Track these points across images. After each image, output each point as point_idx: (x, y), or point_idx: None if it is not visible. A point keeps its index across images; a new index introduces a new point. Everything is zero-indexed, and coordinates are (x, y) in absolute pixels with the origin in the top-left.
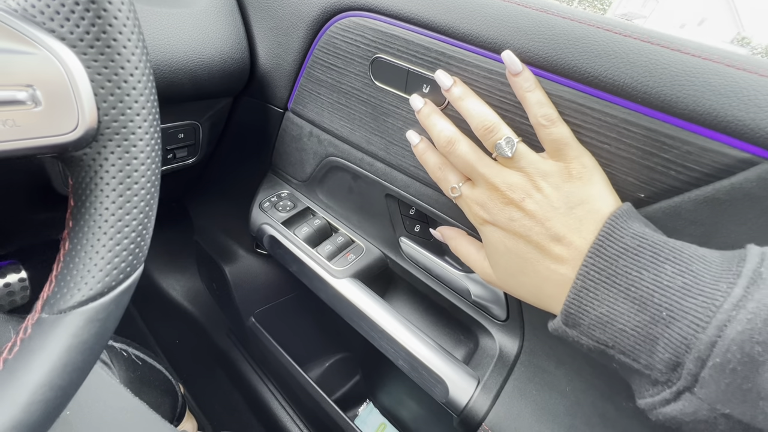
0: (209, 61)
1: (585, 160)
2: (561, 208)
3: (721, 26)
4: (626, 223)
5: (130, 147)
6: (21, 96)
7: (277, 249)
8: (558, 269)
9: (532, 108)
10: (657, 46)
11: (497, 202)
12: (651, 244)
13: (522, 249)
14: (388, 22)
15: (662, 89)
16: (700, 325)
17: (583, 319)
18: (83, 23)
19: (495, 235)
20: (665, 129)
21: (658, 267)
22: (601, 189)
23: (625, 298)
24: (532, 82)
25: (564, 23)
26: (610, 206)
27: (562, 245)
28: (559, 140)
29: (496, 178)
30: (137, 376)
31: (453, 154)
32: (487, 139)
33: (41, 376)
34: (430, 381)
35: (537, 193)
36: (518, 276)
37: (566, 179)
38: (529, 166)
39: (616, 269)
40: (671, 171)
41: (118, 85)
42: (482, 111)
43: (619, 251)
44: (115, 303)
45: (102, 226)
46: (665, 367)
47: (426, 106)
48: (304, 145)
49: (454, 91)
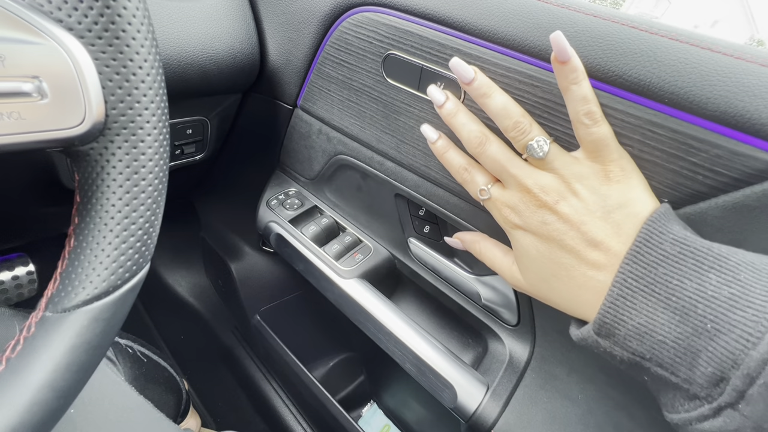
0: (219, 57)
1: (624, 163)
2: (598, 211)
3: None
4: (665, 227)
5: (137, 142)
6: (27, 87)
7: (284, 247)
8: (595, 276)
9: (575, 103)
10: (686, 44)
11: (530, 205)
12: (693, 250)
13: (556, 254)
14: (402, 18)
15: (691, 89)
16: (750, 341)
17: (618, 330)
18: (92, 13)
19: (526, 240)
20: (693, 131)
21: (702, 275)
22: (641, 192)
23: (665, 307)
24: (579, 73)
25: (586, 19)
26: (649, 209)
27: (599, 251)
28: (600, 141)
29: (528, 180)
30: (142, 373)
31: (484, 155)
32: (518, 139)
33: (44, 376)
34: (438, 385)
35: (572, 196)
36: (551, 281)
37: (603, 182)
38: (564, 168)
39: (656, 277)
40: (698, 175)
41: (127, 78)
42: (512, 110)
43: (658, 258)
44: (120, 302)
45: (108, 223)
46: (707, 381)
47: (450, 102)
48: (312, 142)
49: (477, 86)
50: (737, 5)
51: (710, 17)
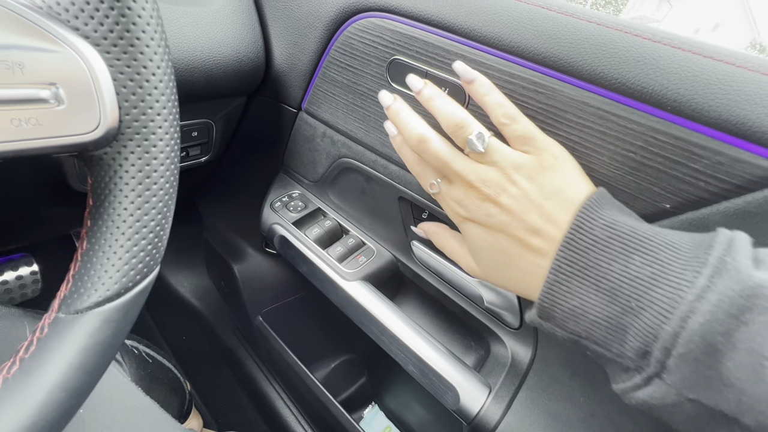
0: (225, 60)
1: (554, 150)
2: (537, 199)
3: (736, 32)
4: (597, 212)
5: (150, 147)
6: (44, 94)
7: (287, 249)
8: (538, 261)
9: (492, 110)
10: (689, 53)
11: (474, 199)
12: (620, 234)
13: (503, 243)
14: (408, 24)
15: (693, 97)
16: (666, 316)
17: (556, 312)
18: (107, 21)
19: (475, 232)
20: (695, 138)
21: (628, 258)
22: (574, 177)
23: (596, 290)
24: (487, 86)
25: (590, 27)
26: (584, 194)
27: (540, 238)
28: (524, 135)
29: (470, 175)
30: (147, 374)
31: (426, 153)
32: (458, 135)
33: (57, 376)
34: (441, 388)
35: (512, 186)
36: (502, 269)
37: (539, 170)
38: (503, 159)
39: (588, 261)
40: (700, 182)
41: (140, 84)
42: (451, 109)
43: (589, 243)
44: (131, 304)
45: (120, 226)
46: (635, 355)
47: (396, 102)
48: (317, 145)
49: (425, 93)
50: (739, 9)
51: (712, 21)
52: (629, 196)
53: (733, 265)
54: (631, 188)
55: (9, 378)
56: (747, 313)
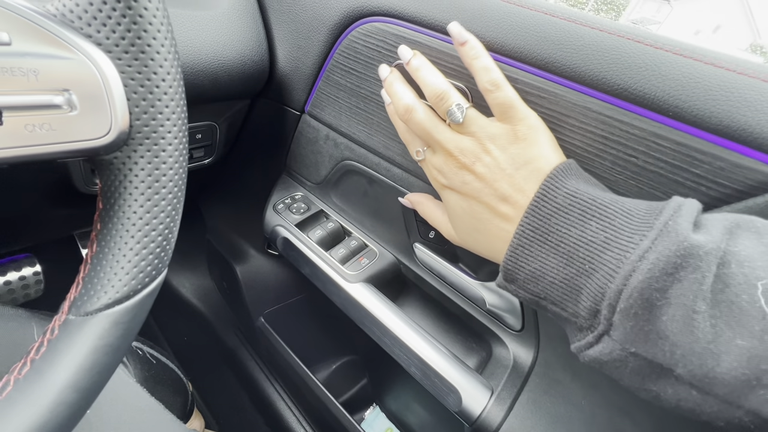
0: (230, 64)
1: (531, 121)
2: (508, 169)
3: (736, 33)
4: (561, 182)
5: (159, 152)
6: (58, 100)
7: (290, 251)
8: (505, 227)
9: (479, 74)
10: (690, 59)
11: (452, 167)
12: (580, 201)
13: (475, 209)
14: (411, 29)
15: (695, 103)
16: (612, 276)
17: (519, 274)
18: (119, 29)
19: (452, 198)
20: (697, 144)
21: (585, 223)
22: (546, 148)
23: (555, 253)
24: (478, 50)
25: (593, 33)
26: (553, 165)
27: (508, 204)
28: (504, 103)
29: (449, 144)
30: (151, 375)
31: (411, 122)
32: (439, 106)
33: (68, 377)
34: (443, 389)
35: (486, 155)
36: (474, 234)
37: (512, 141)
38: (480, 130)
39: (549, 227)
40: (701, 187)
41: (150, 90)
42: (434, 80)
43: (552, 210)
44: (140, 306)
45: (130, 229)
46: (588, 314)
47: (391, 74)
48: (320, 147)
49: (413, 63)
50: (739, 11)
51: (712, 22)
52: None
53: (674, 228)
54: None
55: (20, 379)
56: (681, 271)
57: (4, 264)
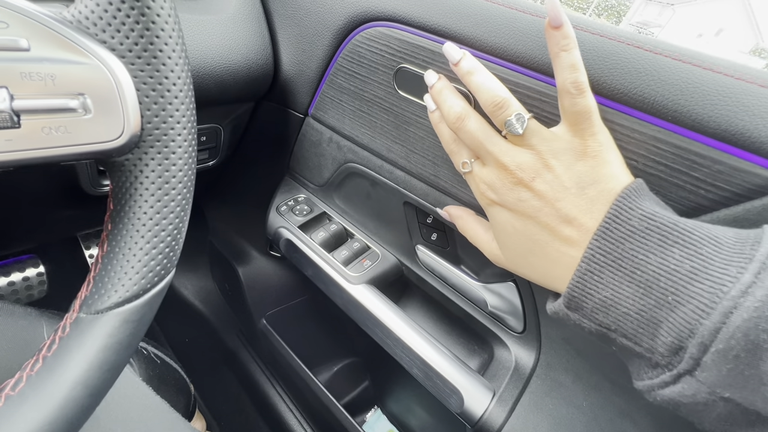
0: (235, 67)
1: (602, 138)
2: (572, 188)
3: (739, 36)
4: (635, 203)
5: (169, 154)
6: (73, 104)
7: (293, 253)
8: (568, 251)
9: (563, 71)
10: (689, 65)
11: (506, 182)
12: (659, 225)
13: (531, 230)
14: (415, 33)
15: (694, 108)
16: (705, 311)
17: (586, 303)
18: (132, 35)
19: (502, 216)
20: (695, 147)
21: (666, 250)
22: (616, 168)
23: (630, 281)
24: (571, 41)
25: (593, 39)
26: (624, 186)
27: (572, 227)
28: (582, 112)
29: (505, 157)
30: (156, 374)
31: (462, 131)
32: (496, 115)
33: (79, 374)
34: (445, 391)
35: (548, 172)
36: (528, 257)
37: (580, 157)
38: (541, 143)
39: (622, 252)
40: (700, 190)
41: (162, 94)
42: (492, 86)
43: (626, 233)
44: (148, 305)
45: (140, 230)
46: (667, 350)
47: (439, 81)
48: (323, 150)
49: (462, 65)
50: (742, 14)
51: (715, 26)
52: None
53: None
54: None
55: (33, 375)
56: None
57: (8, 265)
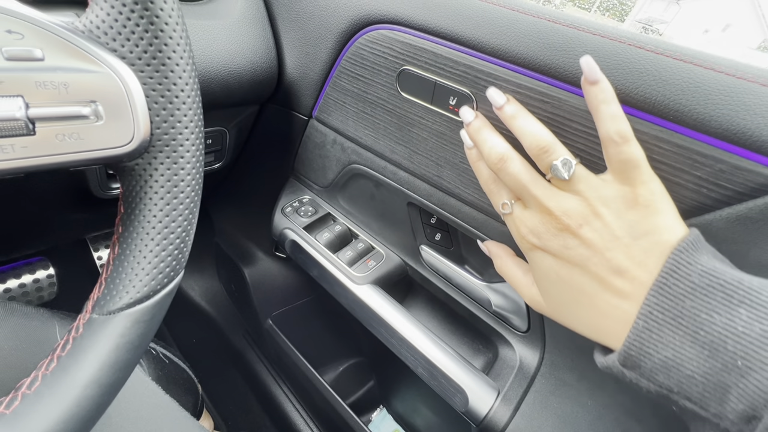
0: (240, 71)
1: (654, 186)
2: (624, 237)
3: (746, 32)
4: (693, 257)
5: (177, 158)
6: (85, 111)
7: (298, 254)
8: (619, 305)
9: (605, 122)
10: (690, 65)
11: (550, 228)
12: (723, 283)
13: (578, 279)
14: (417, 36)
15: (695, 107)
16: None
17: (644, 362)
18: (141, 43)
19: (546, 262)
20: (697, 147)
21: (732, 310)
22: (670, 218)
23: (693, 341)
24: (609, 94)
25: (595, 40)
26: (679, 238)
27: (624, 279)
28: (629, 161)
29: (550, 202)
30: (164, 374)
31: (504, 172)
32: (541, 159)
33: (92, 373)
34: (450, 390)
35: (596, 220)
36: (572, 307)
37: (631, 206)
38: (589, 189)
39: (683, 309)
40: (702, 189)
41: (170, 100)
42: (537, 130)
43: (686, 289)
44: (159, 306)
45: (150, 232)
46: (737, 418)
47: (477, 120)
48: (327, 152)
49: (506, 110)
50: (749, 9)
51: (721, 21)
52: None
53: None
54: None
55: (48, 374)
56: None
57: (19, 267)
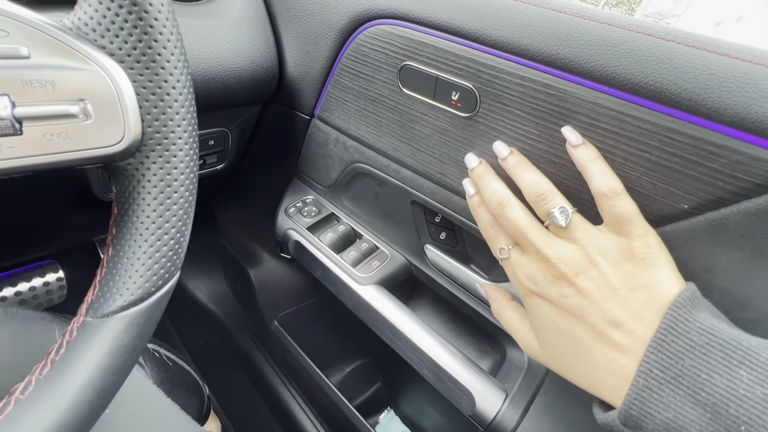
0: (240, 71)
1: (650, 239)
2: (621, 289)
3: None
4: (691, 313)
5: (170, 157)
6: (74, 110)
7: (302, 254)
8: (617, 358)
9: (594, 178)
10: (703, 51)
11: (547, 275)
12: (722, 342)
13: (575, 330)
14: (418, 30)
15: (709, 96)
16: None
17: (646, 423)
18: (130, 39)
19: (542, 309)
20: (712, 137)
21: (732, 371)
22: (667, 273)
23: (694, 402)
24: (594, 153)
25: (602, 28)
26: (676, 292)
27: (621, 332)
28: (622, 214)
29: (547, 249)
30: (168, 377)
31: (503, 217)
32: (539, 206)
33: (86, 377)
34: (456, 392)
35: (593, 269)
36: (569, 358)
37: (628, 258)
38: (586, 239)
39: (683, 369)
40: (718, 181)
41: (162, 98)
42: (537, 178)
43: (685, 347)
44: (154, 308)
45: (143, 233)
46: None
47: (480, 165)
48: (329, 151)
49: (509, 160)
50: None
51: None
52: (645, 197)
53: None
54: (647, 189)
55: (41, 379)
56: None
57: (29, 270)
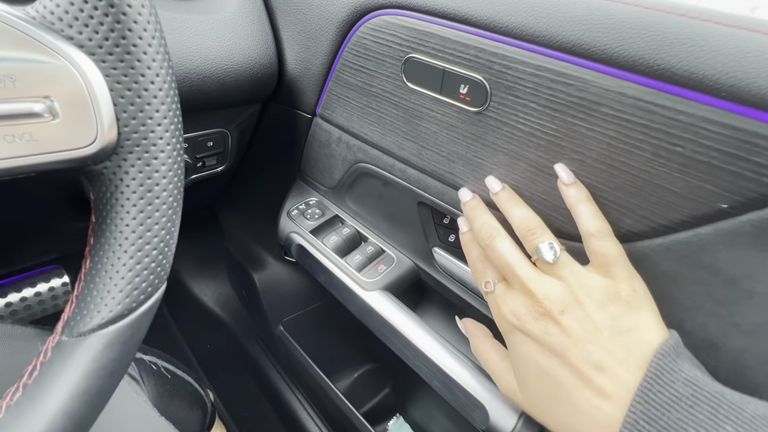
0: (237, 68)
1: (635, 284)
2: (605, 330)
3: None
4: (676, 363)
5: (150, 159)
6: (38, 108)
7: (305, 258)
8: (600, 405)
9: (584, 219)
10: (745, 30)
11: (531, 311)
12: (707, 395)
13: (557, 371)
14: (423, 19)
15: (755, 81)
16: None
17: None
18: (102, 29)
19: (525, 347)
20: (758, 128)
21: (719, 427)
22: (651, 319)
23: None
24: (584, 193)
25: (626, 9)
26: (659, 340)
27: (604, 376)
28: (609, 255)
29: (533, 283)
30: (166, 390)
31: (492, 249)
32: (528, 240)
33: (60, 403)
34: (468, 405)
35: (578, 308)
36: (550, 402)
37: (613, 300)
38: (572, 276)
39: (669, 421)
40: (764, 178)
41: (138, 94)
42: (526, 214)
43: (670, 399)
44: (136, 325)
45: (122, 244)
46: None
47: (473, 199)
48: (332, 151)
49: (501, 195)
50: None
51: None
52: (677, 195)
53: None
54: (679, 187)
55: (12, 405)
56: None
57: (34, 276)
